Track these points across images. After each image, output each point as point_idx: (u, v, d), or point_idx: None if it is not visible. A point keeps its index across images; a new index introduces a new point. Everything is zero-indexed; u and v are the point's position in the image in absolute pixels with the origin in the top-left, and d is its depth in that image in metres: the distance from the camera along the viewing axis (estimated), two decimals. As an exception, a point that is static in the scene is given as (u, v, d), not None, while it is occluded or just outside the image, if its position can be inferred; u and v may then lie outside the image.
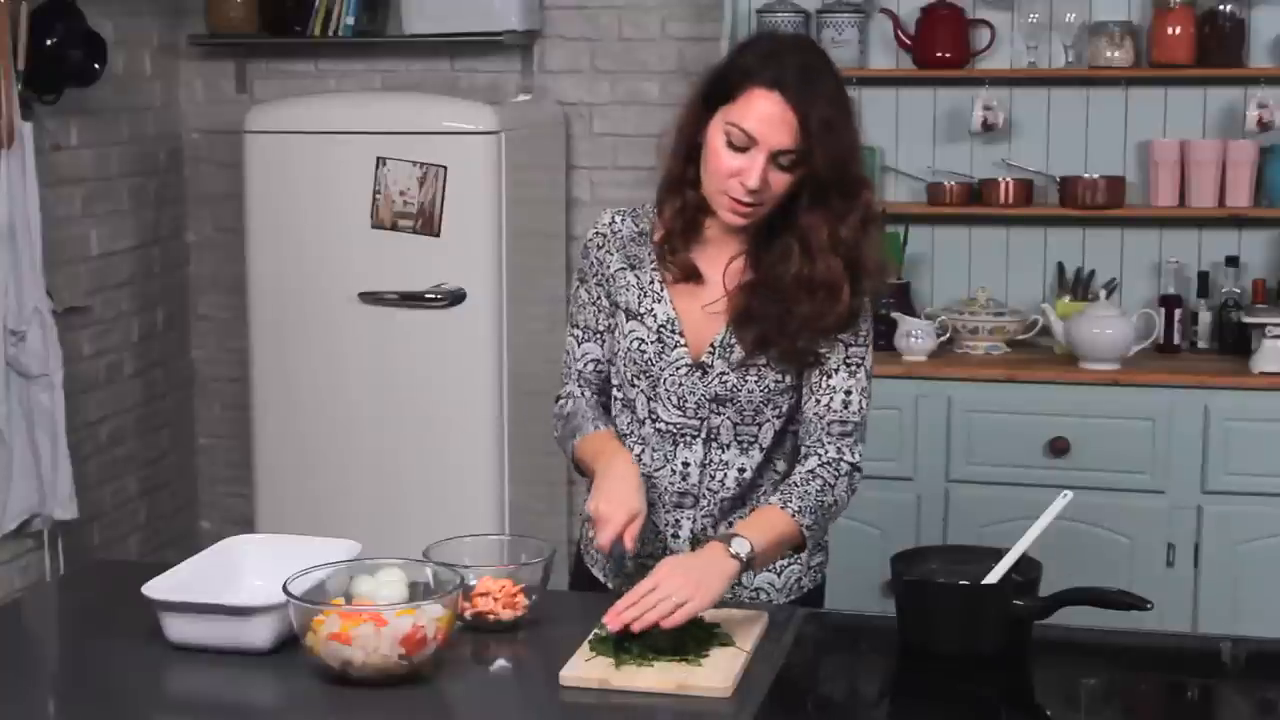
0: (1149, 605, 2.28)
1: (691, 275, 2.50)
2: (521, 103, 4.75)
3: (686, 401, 2.51)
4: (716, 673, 2.17)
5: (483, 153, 4.31)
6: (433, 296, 4.34)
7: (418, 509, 4.35)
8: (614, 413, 2.60)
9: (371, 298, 4.38)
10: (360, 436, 4.44)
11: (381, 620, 2.12)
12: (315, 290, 4.43)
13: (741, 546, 2.31)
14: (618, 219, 2.58)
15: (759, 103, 2.35)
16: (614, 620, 2.20)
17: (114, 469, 4.78)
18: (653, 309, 2.52)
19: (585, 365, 2.62)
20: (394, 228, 4.35)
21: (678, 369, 2.50)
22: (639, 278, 2.54)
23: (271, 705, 2.22)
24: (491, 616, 2.35)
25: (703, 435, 2.52)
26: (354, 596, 2.26)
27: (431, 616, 2.16)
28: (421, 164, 4.31)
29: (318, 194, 4.40)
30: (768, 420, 2.52)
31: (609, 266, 2.57)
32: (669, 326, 2.51)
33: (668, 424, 2.53)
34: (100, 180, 4.65)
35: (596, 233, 2.59)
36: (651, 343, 2.51)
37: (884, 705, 2.29)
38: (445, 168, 4.30)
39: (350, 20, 4.78)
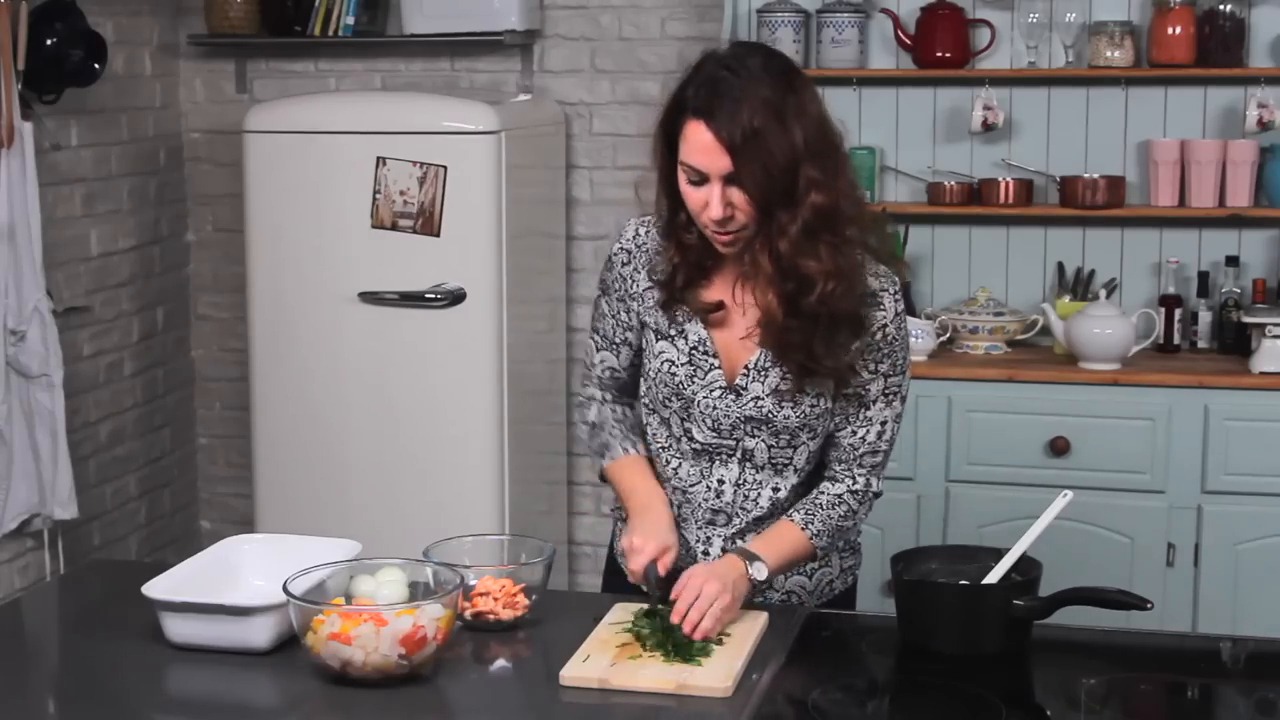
0: (1149, 605, 2.29)
1: (710, 311, 2.46)
2: (521, 103, 4.74)
3: (721, 424, 2.49)
4: (716, 673, 2.17)
5: (483, 153, 4.31)
6: (433, 296, 4.34)
7: (418, 509, 4.35)
8: (648, 425, 2.58)
9: (371, 298, 4.37)
10: (360, 436, 4.44)
11: (381, 620, 2.12)
12: (315, 290, 4.43)
13: (760, 573, 2.39)
14: (641, 231, 2.53)
15: (693, 135, 2.31)
16: (691, 630, 2.27)
17: (114, 469, 4.78)
18: (684, 329, 2.49)
19: (603, 371, 2.61)
20: (394, 228, 4.35)
21: (712, 391, 2.47)
22: None
23: (271, 705, 2.22)
24: (491, 616, 2.36)
25: (738, 455, 2.51)
26: (354, 596, 2.26)
27: (431, 616, 2.16)
28: (421, 164, 4.31)
29: (318, 194, 4.40)
30: (803, 444, 2.50)
31: (635, 284, 2.52)
32: (701, 348, 2.48)
33: (703, 444, 2.51)
34: (100, 180, 4.65)
35: (621, 248, 2.54)
36: (683, 365, 2.48)
37: (884, 705, 2.29)
38: (445, 168, 4.30)
39: (350, 20, 4.78)
